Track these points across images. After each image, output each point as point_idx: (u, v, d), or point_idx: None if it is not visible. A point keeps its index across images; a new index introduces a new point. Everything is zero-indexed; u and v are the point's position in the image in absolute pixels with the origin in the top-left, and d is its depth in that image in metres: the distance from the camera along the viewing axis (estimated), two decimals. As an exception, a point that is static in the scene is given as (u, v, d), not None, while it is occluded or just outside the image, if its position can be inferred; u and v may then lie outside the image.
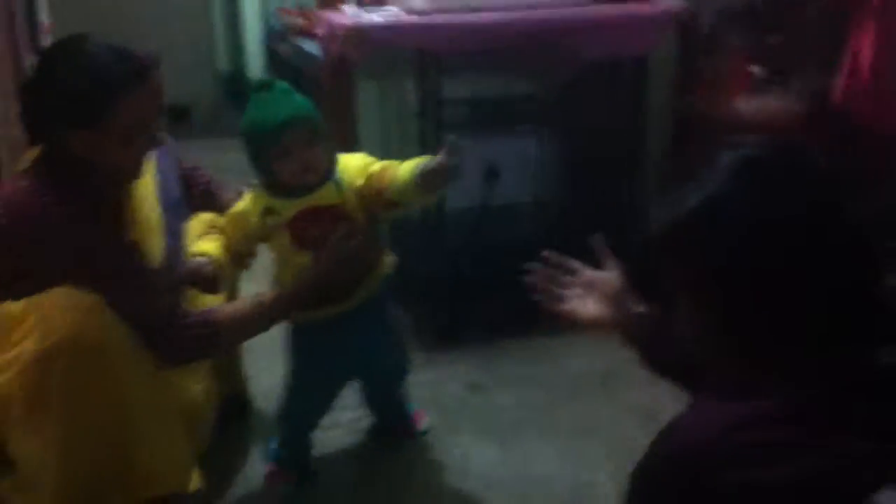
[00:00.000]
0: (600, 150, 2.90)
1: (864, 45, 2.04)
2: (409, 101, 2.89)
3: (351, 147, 2.82)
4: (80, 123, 1.59)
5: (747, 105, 2.81)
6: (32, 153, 1.70)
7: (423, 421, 2.16)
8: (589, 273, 1.50)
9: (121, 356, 1.62)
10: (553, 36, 2.52)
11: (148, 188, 1.82)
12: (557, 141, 2.98)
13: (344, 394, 2.01)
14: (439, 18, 2.45)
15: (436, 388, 2.34)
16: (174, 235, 1.86)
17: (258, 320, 1.75)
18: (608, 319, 1.46)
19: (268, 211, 1.76)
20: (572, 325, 1.49)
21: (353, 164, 1.81)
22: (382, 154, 2.29)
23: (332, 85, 2.81)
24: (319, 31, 2.75)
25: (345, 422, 2.17)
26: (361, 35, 2.40)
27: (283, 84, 1.77)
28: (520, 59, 2.64)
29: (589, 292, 1.49)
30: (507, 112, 2.90)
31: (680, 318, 1.06)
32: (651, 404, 2.19)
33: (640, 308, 1.46)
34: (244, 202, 1.82)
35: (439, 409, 2.24)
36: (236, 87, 5.55)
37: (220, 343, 1.74)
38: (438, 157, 1.67)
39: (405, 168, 1.72)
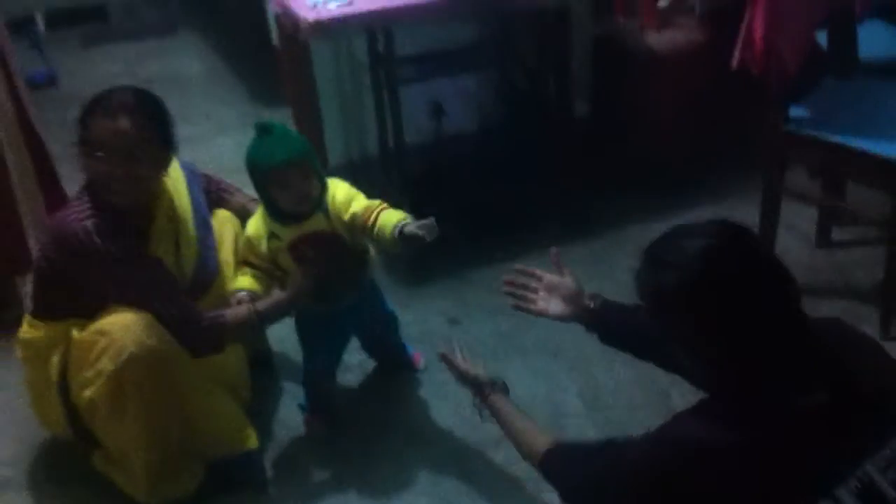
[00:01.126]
0: (533, 81, 3.29)
1: (756, 21, 2.44)
2: (359, 58, 3.22)
3: (312, 106, 3.19)
4: (79, 146, 2.02)
5: (659, 37, 3.23)
6: None
7: (420, 361, 2.64)
8: (549, 278, 1.98)
9: (174, 357, 2.08)
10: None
11: (187, 211, 2.23)
12: (496, 78, 3.34)
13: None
14: (388, 2, 2.75)
15: (421, 325, 2.80)
16: (205, 247, 2.29)
17: (254, 324, 2.17)
18: (569, 314, 1.96)
19: (272, 235, 2.16)
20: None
21: (339, 197, 2.18)
22: (339, 103, 2.63)
23: (289, 53, 3.13)
24: (274, 9, 3.02)
25: (355, 364, 2.64)
26: (323, 26, 2.70)
27: (281, 127, 2.14)
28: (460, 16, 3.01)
29: (552, 294, 1.97)
30: (450, 60, 3.24)
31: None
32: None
33: (592, 303, 1.94)
34: (253, 225, 2.19)
35: (428, 344, 2.71)
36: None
37: (224, 341, 2.16)
38: (419, 228, 2.04)
39: (388, 221, 2.09)
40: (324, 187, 2.17)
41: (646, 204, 3.21)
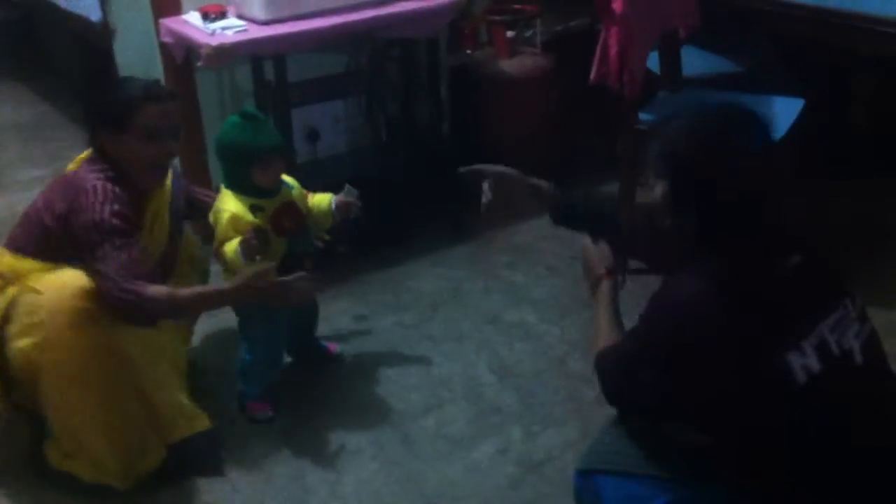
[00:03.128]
0: (404, 106, 3.63)
1: (611, 41, 2.90)
2: (241, 85, 3.43)
3: (196, 128, 3.36)
4: (109, 129, 2.26)
5: (509, 63, 3.65)
6: (84, 154, 2.35)
7: (335, 348, 2.86)
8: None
9: (107, 323, 2.19)
10: (368, 30, 3.18)
11: (164, 202, 2.44)
12: (366, 103, 3.64)
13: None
14: (282, 28, 3.00)
15: (329, 323, 3.02)
16: (173, 238, 2.51)
17: (201, 305, 2.46)
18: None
19: (256, 208, 2.39)
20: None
21: (288, 178, 2.53)
22: None
23: (177, 80, 3.30)
24: (164, 38, 3.19)
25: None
26: (224, 51, 2.91)
27: (262, 115, 2.44)
28: (339, 46, 3.32)
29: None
30: (325, 86, 3.51)
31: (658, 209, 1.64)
32: (493, 309, 3.07)
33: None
34: (233, 204, 2.38)
35: (341, 339, 2.95)
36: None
37: (175, 314, 2.38)
38: (347, 195, 2.52)
39: (322, 197, 2.56)
40: None
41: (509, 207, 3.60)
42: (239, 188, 2.41)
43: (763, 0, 3.10)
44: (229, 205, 2.39)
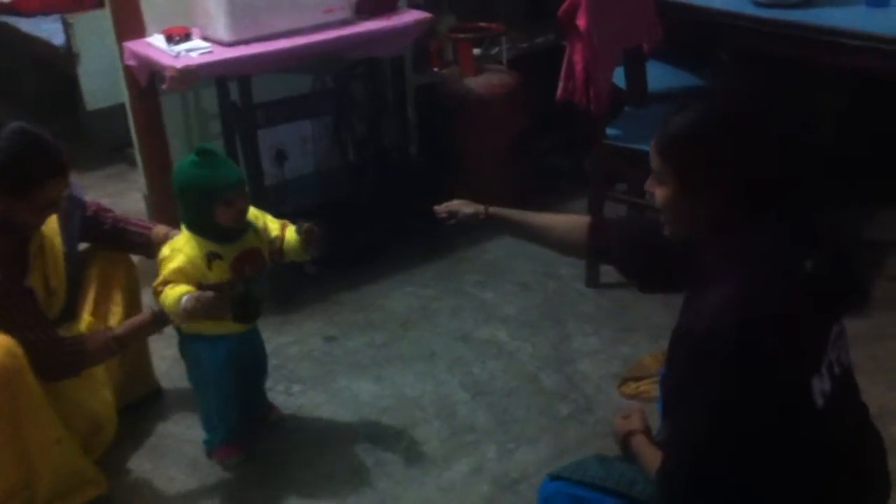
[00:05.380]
0: (371, 125, 3.62)
1: (576, 57, 2.91)
2: (205, 107, 3.41)
3: (162, 150, 3.33)
4: (6, 192, 2.14)
5: (476, 81, 3.66)
6: None
7: (278, 410, 2.67)
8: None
9: (21, 384, 2.11)
10: (333, 50, 3.17)
11: (51, 229, 2.35)
12: (332, 123, 3.62)
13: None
14: (247, 50, 2.99)
15: (300, 344, 3.01)
16: (72, 260, 2.43)
17: (112, 349, 2.28)
18: (477, 210, 2.15)
19: (213, 255, 2.27)
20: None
21: (258, 214, 2.41)
22: (188, 153, 2.88)
23: (142, 103, 3.27)
24: (128, 62, 3.16)
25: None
26: (189, 73, 2.89)
27: (221, 151, 2.36)
28: (304, 66, 3.31)
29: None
30: (291, 107, 3.49)
31: (674, 210, 1.52)
32: (464, 327, 3.05)
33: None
34: (186, 252, 2.26)
35: (312, 360, 2.93)
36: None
37: (84, 364, 2.26)
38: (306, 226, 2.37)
39: (293, 233, 2.39)
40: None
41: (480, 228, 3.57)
42: (200, 230, 2.28)
43: (725, 14, 3.13)
44: (182, 253, 2.26)
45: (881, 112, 3.55)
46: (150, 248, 2.52)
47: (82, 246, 2.55)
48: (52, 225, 2.35)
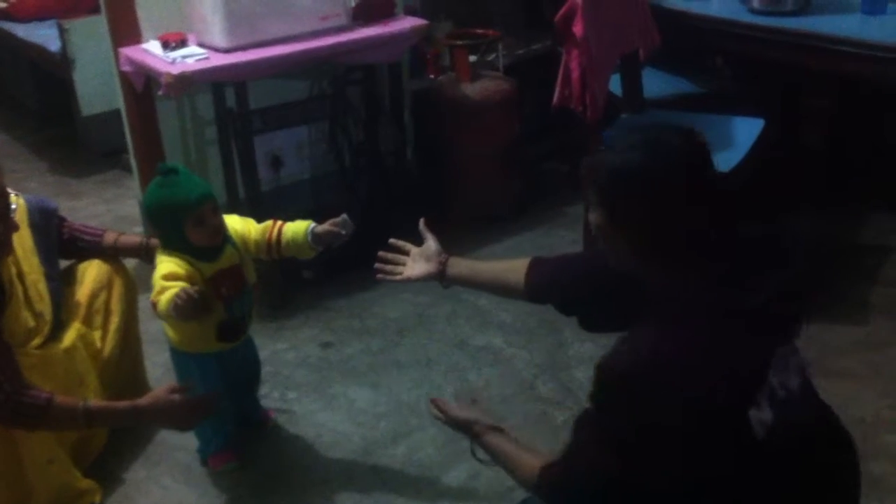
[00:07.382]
0: (368, 131, 3.62)
1: (573, 64, 2.92)
2: (201, 113, 3.41)
3: (157, 156, 3.33)
4: None
5: (472, 87, 3.66)
6: None
7: (273, 416, 2.68)
8: (414, 248, 2.21)
9: None
10: (329, 56, 3.17)
11: (27, 246, 2.30)
12: (328, 129, 3.62)
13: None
14: (243, 56, 2.98)
15: (296, 351, 3.00)
16: (52, 278, 2.37)
17: (78, 419, 2.11)
18: (427, 273, 2.17)
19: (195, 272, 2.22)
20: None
21: (237, 227, 2.34)
22: (184, 158, 2.84)
23: (138, 109, 3.27)
24: (123, 67, 3.16)
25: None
26: (185, 79, 2.89)
27: (184, 168, 2.27)
28: (301, 72, 3.31)
29: (416, 260, 2.20)
30: (288, 113, 3.49)
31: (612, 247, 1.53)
32: (460, 334, 3.05)
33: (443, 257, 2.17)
34: (166, 261, 2.20)
35: (308, 367, 2.93)
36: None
37: (40, 427, 2.12)
38: (333, 225, 2.33)
39: (297, 230, 2.32)
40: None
41: (475, 234, 3.59)
42: (176, 251, 2.21)
43: (721, 21, 3.14)
44: (165, 264, 2.20)
45: (874, 116, 3.57)
46: (104, 255, 2.53)
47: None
48: (25, 245, 2.29)
